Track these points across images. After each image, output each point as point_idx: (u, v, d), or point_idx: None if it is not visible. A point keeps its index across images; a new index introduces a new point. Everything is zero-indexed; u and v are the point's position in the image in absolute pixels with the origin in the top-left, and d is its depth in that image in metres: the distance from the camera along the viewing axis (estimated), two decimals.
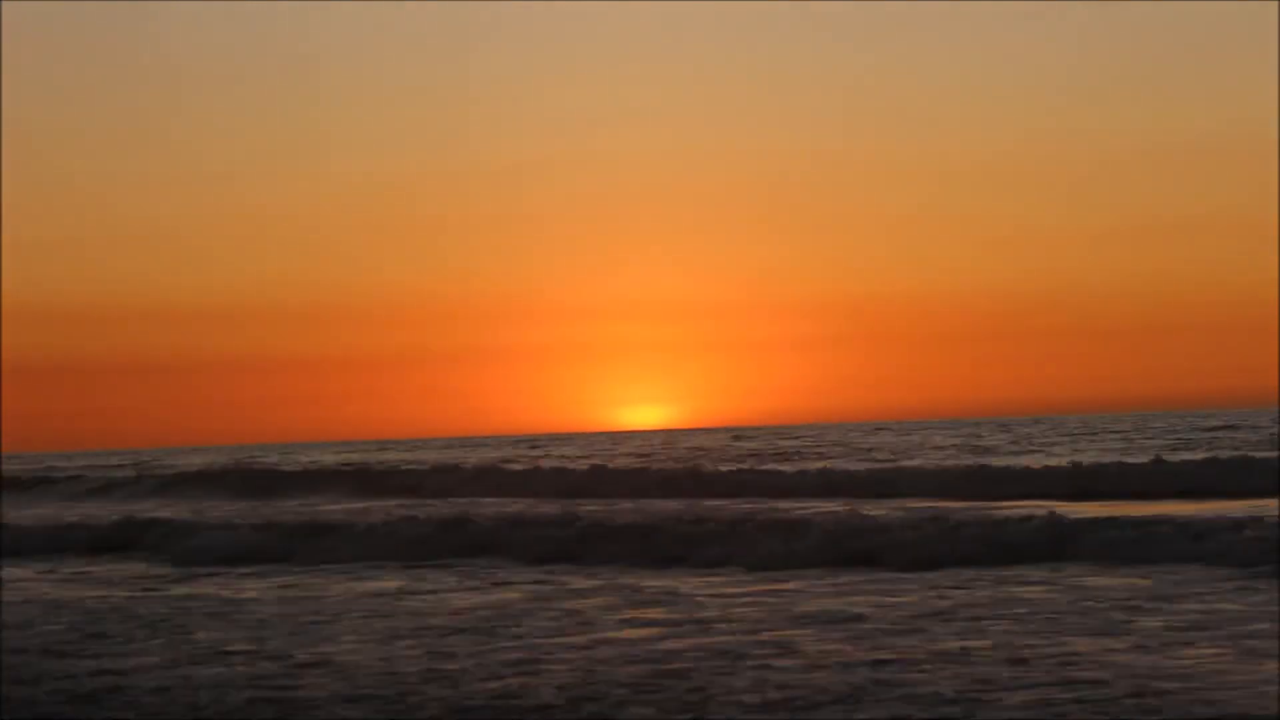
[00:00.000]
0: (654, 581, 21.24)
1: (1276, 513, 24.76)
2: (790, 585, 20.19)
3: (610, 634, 15.92)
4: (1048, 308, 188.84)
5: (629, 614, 17.66)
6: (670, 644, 15.01)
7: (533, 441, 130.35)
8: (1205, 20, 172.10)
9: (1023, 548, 22.36)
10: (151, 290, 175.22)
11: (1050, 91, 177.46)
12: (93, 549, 31.23)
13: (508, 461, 67.83)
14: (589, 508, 34.68)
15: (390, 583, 22.38)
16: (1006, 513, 27.19)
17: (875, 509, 30.56)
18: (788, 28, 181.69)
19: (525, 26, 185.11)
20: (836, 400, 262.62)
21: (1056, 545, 22.42)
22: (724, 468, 52.58)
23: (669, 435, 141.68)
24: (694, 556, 23.78)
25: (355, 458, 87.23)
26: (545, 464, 63.26)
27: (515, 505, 37.88)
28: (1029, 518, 24.39)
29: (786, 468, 52.93)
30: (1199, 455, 48.27)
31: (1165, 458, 44.37)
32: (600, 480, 47.18)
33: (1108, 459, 46.93)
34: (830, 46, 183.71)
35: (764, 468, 53.37)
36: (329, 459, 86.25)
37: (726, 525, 26.21)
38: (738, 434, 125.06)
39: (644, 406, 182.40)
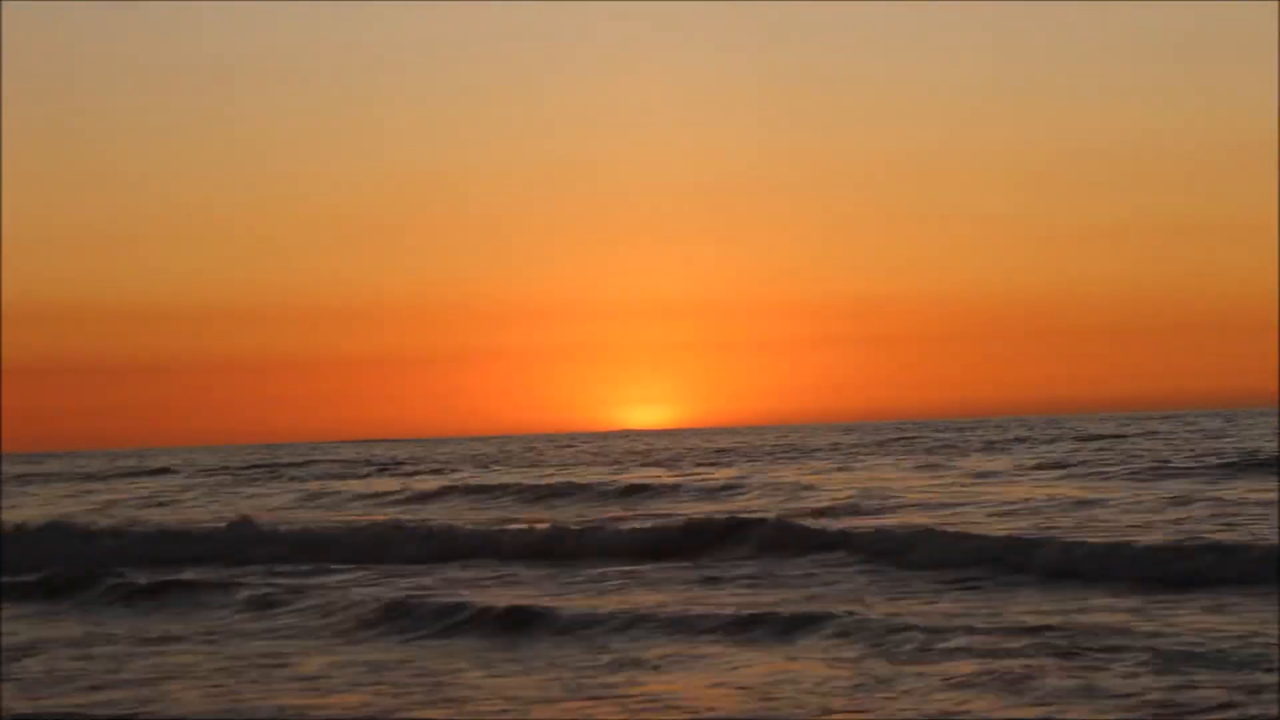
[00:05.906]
0: None
1: None
2: None
3: None
4: (1049, 307, 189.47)
5: None
6: None
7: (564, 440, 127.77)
8: (1204, 20, 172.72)
9: None
10: (183, 289, 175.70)
11: (1058, 91, 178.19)
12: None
13: None
14: None
15: None
16: None
17: None
18: (802, 30, 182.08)
19: (529, 27, 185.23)
20: (839, 400, 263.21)
21: None
22: None
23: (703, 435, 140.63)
24: None
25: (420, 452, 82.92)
26: None
27: None
28: None
29: None
30: None
31: None
32: None
33: None
34: (846, 49, 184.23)
35: None
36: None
37: None
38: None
39: (646, 406, 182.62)
